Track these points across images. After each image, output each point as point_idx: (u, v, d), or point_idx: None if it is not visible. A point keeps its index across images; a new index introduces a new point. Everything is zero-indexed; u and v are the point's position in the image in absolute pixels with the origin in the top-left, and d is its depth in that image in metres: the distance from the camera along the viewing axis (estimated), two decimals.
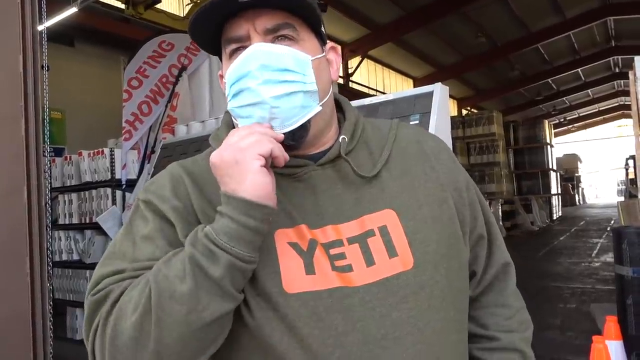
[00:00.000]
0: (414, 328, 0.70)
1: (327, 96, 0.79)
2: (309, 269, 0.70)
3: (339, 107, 0.87)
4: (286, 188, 0.76)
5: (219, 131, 0.85)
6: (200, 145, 3.73)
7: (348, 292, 0.69)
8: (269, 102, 0.71)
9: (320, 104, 0.76)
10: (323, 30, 0.81)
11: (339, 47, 0.86)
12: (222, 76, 0.83)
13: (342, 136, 0.79)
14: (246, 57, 0.72)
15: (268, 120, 0.72)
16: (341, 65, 0.89)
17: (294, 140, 0.74)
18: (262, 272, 0.69)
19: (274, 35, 0.74)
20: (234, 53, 0.76)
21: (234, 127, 0.81)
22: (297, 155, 0.77)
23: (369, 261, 0.72)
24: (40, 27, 2.77)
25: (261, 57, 0.72)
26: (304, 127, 0.74)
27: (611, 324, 2.96)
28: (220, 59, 0.81)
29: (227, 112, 0.85)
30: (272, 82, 0.71)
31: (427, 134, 0.89)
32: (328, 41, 0.84)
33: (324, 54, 0.80)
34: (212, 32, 0.77)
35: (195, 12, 0.73)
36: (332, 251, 0.72)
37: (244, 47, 0.74)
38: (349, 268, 0.71)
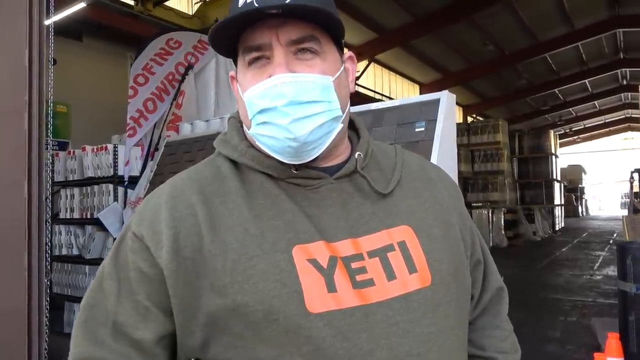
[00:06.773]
0: (434, 345, 0.70)
1: (347, 111, 0.78)
2: (331, 287, 0.68)
3: (350, 123, 0.85)
4: (302, 200, 0.74)
5: (226, 136, 0.81)
6: (204, 144, 3.70)
7: (371, 309, 0.68)
8: (301, 140, 0.70)
9: (342, 120, 0.76)
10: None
11: (354, 55, 0.84)
12: (234, 78, 0.80)
13: (358, 153, 0.79)
14: (270, 88, 0.70)
15: (295, 151, 0.71)
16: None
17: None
18: (282, 291, 0.66)
19: (298, 47, 0.72)
20: (253, 62, 0.73)
21: (243, 133, 0.80)
22: (311, 167, 0.76)
23: (390, 275, 0.71)
24: (47, 22, 2.76)
25: (287, 92, 0.69)
26: None
27: (613, 340, 2.93)
28: (234, 61, 0.78)
29: (234, 118, 0.83)
30: (301, 119, 0.70)
31: (428, 161, 0.91)
32: (345, 49, 0.81)
33: (343, 66, 0.78)
34: (231, 38, 0.74)
35: (220, 21, 0.70)
36: (354, 265, 0.70)
37: (265, 57, 0.72)
38: (370, 282, 0.69)
